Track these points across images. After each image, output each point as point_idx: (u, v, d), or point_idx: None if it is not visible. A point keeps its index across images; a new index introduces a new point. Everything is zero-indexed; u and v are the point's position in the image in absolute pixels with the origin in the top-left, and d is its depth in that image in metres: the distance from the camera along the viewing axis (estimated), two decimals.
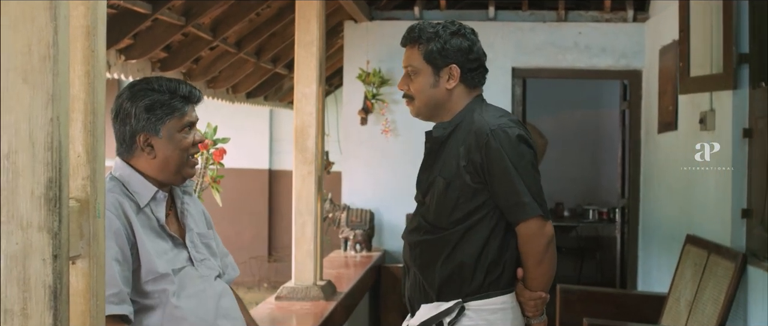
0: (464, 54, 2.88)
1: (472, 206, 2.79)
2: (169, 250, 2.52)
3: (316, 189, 4.86)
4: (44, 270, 1.53)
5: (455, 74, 2.86)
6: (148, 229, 2.48)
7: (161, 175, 2.54)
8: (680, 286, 5.35)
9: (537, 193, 2.77)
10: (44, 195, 1.53)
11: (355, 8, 6.78)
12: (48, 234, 1.53)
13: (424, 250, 2.88)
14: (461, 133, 2.84)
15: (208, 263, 2.64)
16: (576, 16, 7.49)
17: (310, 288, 4.88)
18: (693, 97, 5.54)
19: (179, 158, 2.54)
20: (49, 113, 1.53)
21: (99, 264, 1.79)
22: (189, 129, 2.56)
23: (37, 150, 1.52)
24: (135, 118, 2.48)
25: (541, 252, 2.79)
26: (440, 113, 2.92)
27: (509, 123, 2.81)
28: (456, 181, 2.80)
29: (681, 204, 6.03)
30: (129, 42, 5.34)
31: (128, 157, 2.53)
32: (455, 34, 2.89)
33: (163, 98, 2.51)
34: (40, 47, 1.53)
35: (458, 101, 2.90)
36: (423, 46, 2.88)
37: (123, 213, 2.42)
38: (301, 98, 4.85)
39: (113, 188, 2.47)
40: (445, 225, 2.83)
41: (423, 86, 2.89)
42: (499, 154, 2.74)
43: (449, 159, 2.84)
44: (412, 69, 2.92)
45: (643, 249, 7.39)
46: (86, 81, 1.73)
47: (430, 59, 2.87)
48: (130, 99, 2.50)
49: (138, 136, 2.50)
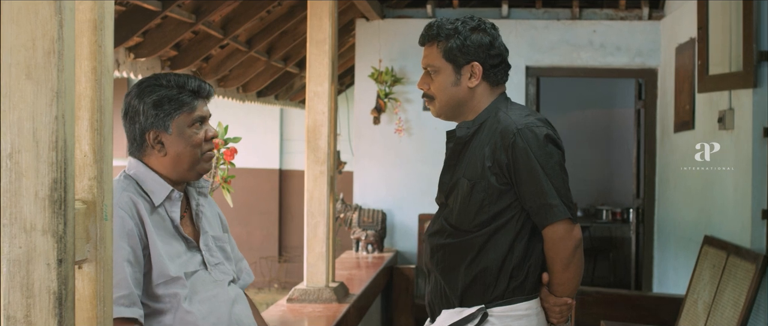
0: (485, 50, 2.78)
1: (498, 208, 2.71)
2: (183, 253, 2.45)
3: (328, 190, 4.79)
4: (49, 276, 1.48)
5: (477, 71, 2.77)
6: (161, 230, 2.41)
7: (174, 173, 2.47)
8: (698, 288, 5.27)
9: (565, 195, 2.68)
10: (49, 196, 1.48)
11: (367, 6, 6.71)
12: (52, 238, 1.48)
13: (447, 254, 2.79)
14: (486, 132, 2.75)
15: (222, 267, 2.57)
16: (590, 14, 7.41)
17: (323, 291, 4.80)
18: (711, 95, 5.46)
19: (191, 154, 2.47)
20: (54, 111, 1.47)
21: (106, 268, 1.73)
22: (200, 124, 2.49)
23: (41, 149, 1.47)
24: (143, 114, 2.42)
25: (568, 256, 2.70)
26: (463, 113, 2.84)
27: (536, 122, 2.72)
28: (481, 183, 2.71)
29: (698, 204, 5.95)
30: (138, 40, 5.28)
31: (140, 155, 2.47)
32: (475, 29, 2.79)
33: (170, 93, 2.44)
34: (45, 42, 1.48)
35: (481, 100, 2.81)
36: (442, 44, 2.79)
37: (136, 213, 2.36)
38: (313, 97, 4.77)
39: (127, 186, 2.40)
40: (469, 228, 2.74)
41: (444, 85, 2.80)
42: (526, 154, 2.65)
43: (473, 159, 2.75)
44: (431, 68, 2.83)
45: (658, 250, 7.31)
46: (93, 77, 1.67)
47: (450, 57, 2.78)
48: (137, 96, 2.44)
49: (147, 134, 2.44)
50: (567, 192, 2.69)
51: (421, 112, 7.43)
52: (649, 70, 7.37)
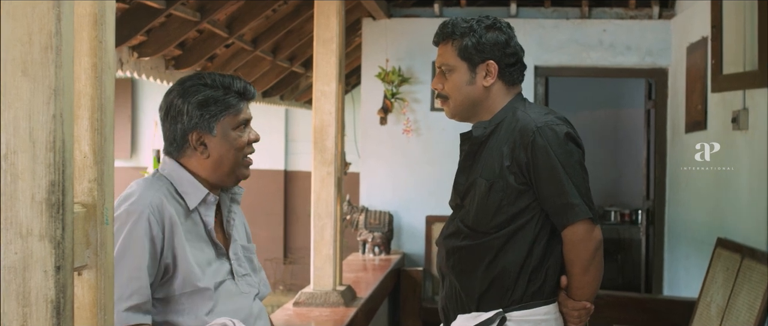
0: (501, 49, 2.72)
1: (516, 209, 2.64)
2: (213, 261, 2.37)
3: (335, 191, 4.71)
4: (46, 283, 1.42)
5: (493, 70, 2.72)
6: (193, 236, 2.34)
7: (214, 176, 2.39)
8: (711, 291, 5.20)
9: (586, 195, 2.62)
10: (46, 200, 1.42)
11: (374, 5, 6.64)
12: (50, 244, 1.42)
13: (463, 257, 2.73)
14: (503, 131, 2.69)
15: (248, 279, 2.48)
16: (600, 13, 7.33)
17: (330, 294, 4.73)
18: (724, 95, 5.38)
19: (234, 158, 2.39)
20: (52, 109, 1.41)
21: (107, 275, 1.67)
22: (244, 127, 2.41)
23: (37, 150, 1.41)
24: (187, 115, 2.34)
25: (588, 258, 2.63)
26: (478, 113, 2.78)
27: (556, 120, 2.65)
28: (499, 183, 2.65)
29: (710, 205, 5.88)
30: (142, 38, 5.21)
31: (178, 156, 2.39)
32: (491, 27, 2.73)
33: (216, 94, 2.36)
34: (42, 36, 1.41)
35: (497, 99, 2.75)
36: (457, 42, 2.73)
37: (167, 216, 2.27)
38: (320, 96, 4.70)
39: (161, 187, 2.33)
40: (487, 229, 2.67)
41: (458, 84, 2.75)
42: (546, 152, 2.58)
43: (491, 159, 2.69)
44: (446, 67, 2.77)
45: (669, 252, 7.23)
46: (93, 74, 1.61)
47: (465, 55, 2.72)
48: (181, 95, 2.36)
49: (190, 135, 2.35)
50: (588, 192, 2.63)
51: (429, 113, 7.36)
52: (660, 69, 7.29)
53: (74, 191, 1.55)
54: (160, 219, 2.25)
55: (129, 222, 2.21)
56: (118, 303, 2.15)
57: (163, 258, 2.25)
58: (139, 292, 2.19)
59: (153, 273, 2.24)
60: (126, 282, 2.17)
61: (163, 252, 2.25)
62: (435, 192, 7.31)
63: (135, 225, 2.21)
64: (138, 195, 2.27)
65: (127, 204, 2.24)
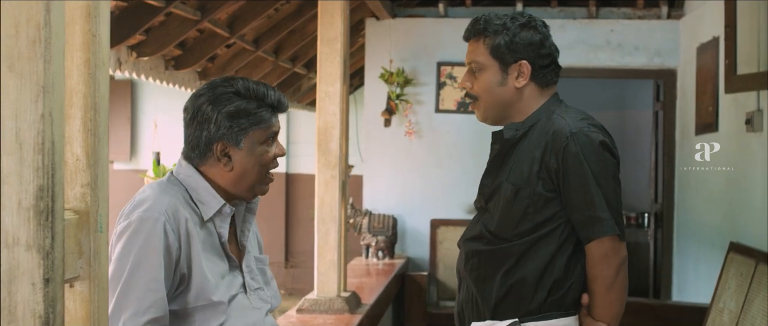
0: (535, 49, 2.59)
1: (542, 217, 2.52)
2: (226, 274, 2.25)
3: (340, 195, 4.61)
4: (34, 297, 1.35)
5: (525, 71, 2.58)
6: (208, 247, 2.21)
7: (234, 189, 2.27)
8: (724, 297, 5.09)
9: (616, 209, 2.48)
10: (34, 206, 1.34)
11: (377, 5, 6.54)
12: (38, 254, 1.34)
13: (482, 262, 2.61)
14: (536, 135, 2.57)
15: (261, 293, 2.36)
16: (607, 13, 7.22)
17: (334, 300, 4.62)
18: (737, 96, 5.28)
19: (258, 173, 2.27)
20: (40, 108, 1.33)
21: (101, 286, 1.59)
22: (272, 141, 2.29)
23: (25, 152, 1.33)
24: (215, 124, 2.20)
25: (612, 275, 2.48)
26: (509, 115, 2.65)
27: (592, 127, 2.53)
28: (526, 189, 2.52)
29: (722, 209, 5.77)
30: (141, 38, 5.10)
31: (199, 163, 2.26)
32: (525, 26, 2.60)
33: (250, 106, 2.22)
34: (29, 28, 1.33)
35: (530, 101, 2.63)
36: (489, 40, 2.59)
37: (184, 226, 2.15)
38: (324, 97, 4.59)
39: (176, 193, 2.20)
40: (509, 236, 2.55)
41: (489, 84, 2.61)
42: (578, 160, 2.46)
43: (520, 163, 2.57)
44: (476, 65, 2.63)
45: (678, 256, 7.12)
46: (86, 71, 1.52)
47: (497, 54, 2.58)
48: (211, 102, 2.22)
49: (215, 144, 2.22)
50: (618, 206, 2.50)
51: (434, 114, 7.27)
52: (668, 70, 7.18)
53: (65, 196, 1.47)
54: (175, 227, 2.13)
55: (144, 231, 2.09)
56: (136, 318, 2.05)
57: (179, 268, 2.13)
58: (157, 305, 2.08)
59: (168, 285, 2.12)
60: (142, 295, 2.06)
61: (179, 263, 2.13)
62: (440, 196, 7.21)
63: (150, 234, 2.09)
64: (152, 200, 2.14)
65: (141, 210, 2.12)
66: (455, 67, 7.15)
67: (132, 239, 2.08)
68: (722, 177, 5.70)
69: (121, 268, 2.06)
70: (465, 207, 7.18)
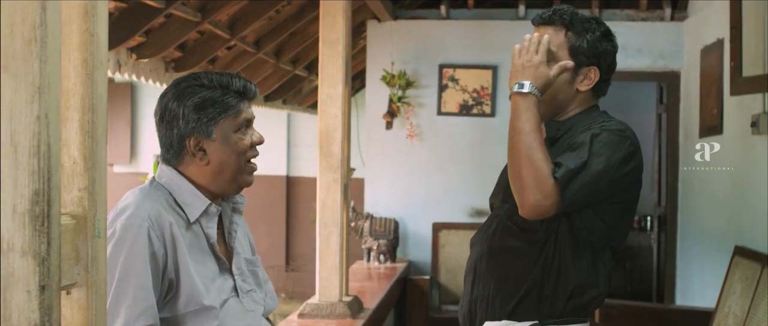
0: (608, 60, 2.55)
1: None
2: (216, 276, 2.19)
3: (342, 198, 4.56)
4: (29, 305, 1.29)
5: (593, 78, 2.54)
6: (195, 250, 2.15)
7: (214, 184, 2.21)
8: (729, 301, 5.05)
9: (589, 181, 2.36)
10: (29, 211, 1.29)
11: (379, 6, 6.49)
12: (33, 260, 1.29)
13: (509, 259, 2.53)
14: (574, 134, 2.50)
15: (254, 295, 2.30)
16: (610, 15, 7.17)
17: (336, 305, 4.57)
18: (742, 99, 5.23)
19: (236, 163, 2.21)
20: (35, 110, 1.28)
21: (99, 293, 1.54)
22: (245, 128, 2.24)
23: (19, 155, 1.28)
24: (183, 119, 2.16)
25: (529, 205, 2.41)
26: (556, 114, 2.60)
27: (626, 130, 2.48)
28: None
29: (727, 213, 5.72)
30: (141, 40, 5.05)
31: (176, 163, 2.21)
32: (606, 35, 2.55)
33: (214, 95, 2.17)
34: (24, 27, 1.28)
35: (580, 104, 2.58)
36: (572, 36, 2.51)
37: (168, 231, 2.09)
38: (326, 100, 4.55)
39: (158, 198, 2.14)
40: (536, 226, 2.45)
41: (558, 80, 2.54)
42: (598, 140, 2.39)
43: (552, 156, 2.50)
44: (552, 56, 2.52)
45: (681, 260, 7.07)
46: (83, 71, 1.46)
47: (576, 52, 2.51)
48: (176, 98, 2.17)
49: (187, 140, 2.17)
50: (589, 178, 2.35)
51: (436, 117, 7.22)
52: (672, 72, 7.13)
53: (62, 201, 1.42)
54: (160, 233, 2.08)
55: (128, 238, 2.04)
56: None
57: (167, 274, 2.08)
58: (148, 313, 2.02)
59: (157, 292, 2.07)
60: (132, 303, 2.01)
61: (166, 269, 2.08)
62: (442, 199, 7.16)
63: (135, 241, 2.04)
64: (135, 207, 2.09)
65: (124, 218, 2.07)
66: (457, 69, 7.11)
67: (117, 248, 2.03)
68: (727, 180, 5.65)
69: (110, 279, 2.01)
70: (467, 211, 7.14)
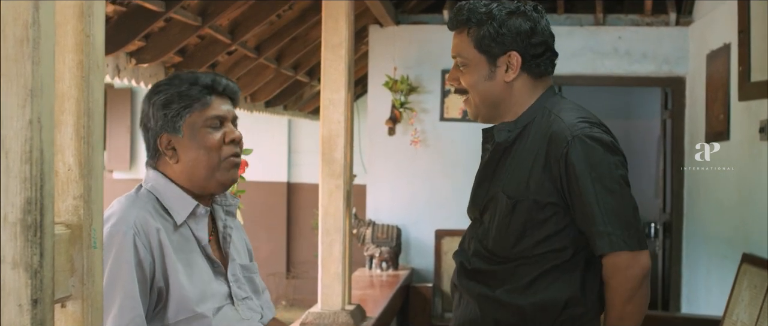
0: (526, 38, 2.36)
1: (544, 234, 2.31)
2: (211, 281, 2.12)
3: (344, 205, 4.48)
4: (20, 319, 1.23)
5: (515, 63, 2.37)
6: (185, 255, 2.09)
7: (191, 183, 2.15)
8: (737, 310, 4.97)
9: (626, 218, 2.25)
10: (20, 220, 1.22)
11: (381, 10, 6.41)
12: (25, 273, 1.23)
13: (484, 280, 2.41)
14: (532, 136, 2.36)
15: (250, 303, 2.23)
16: (615, 20, 7.10)
17: (339, 314, 4.49)
18: (750, 104, 5.16)
19: (207, 160, 2.14)
20: (28, 114, 1.22)
21: (95, 306, 1.48)
22: (218, 124, 2.17)
23: (11, 162, 1.22)
24: (153, 118, 2.13)
25: (630, 288, 2.26)
26: (502, 112, 2.44)
27: (593, 127, 2.33)
28: (524, 202, 2.31)
29: (734, 219, 5.65)
30: (140, 44, 4.98)
31: (156, 165, 2.18)
32: (513, 13, 2.37)
33: (180, 90, 2.12)
34: (16, 27, 1.22)
35: (523, 96, 2.41)
36: (474, 31, 2.39)
37: (155, 238, 2.03)
38: (328, 105, 4.47)
39: (145, 204, 2.09)
40: (508, 254, 2.34)
41: (476, 80, 2.41)
42: (579, 169, 2.24)
43: (516, 170, 2.35)
44: (461, 59, 2.43)
45: (687, 267, 7.00)
46: (79, 73, 1.40)
47: (483, 47, 2.38)
48: (148, 98, 2.15)
49: (159, 139, 2.13)
50: (629, 213, 2.27)
51: (439, 122, 7.14)
52: (677, 78, 7.06)
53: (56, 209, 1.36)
54: (146, 240, 2.02)
55: (113, 246, 1.98)
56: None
57: (155, 282, 2.02)
58: (135, 322, 1.96)
59: (146, 301, 2.00)
60: (119, 313, 1.94)
61: (155, 277, 2.02)
62: (445, 206, 7.08)
63: (120, 249, 1.98)
64: (120, 214, 2.04)
65: (109, 225, 2.01)
66: None
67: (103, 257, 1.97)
68: (734, 187, 5.58)
69: None
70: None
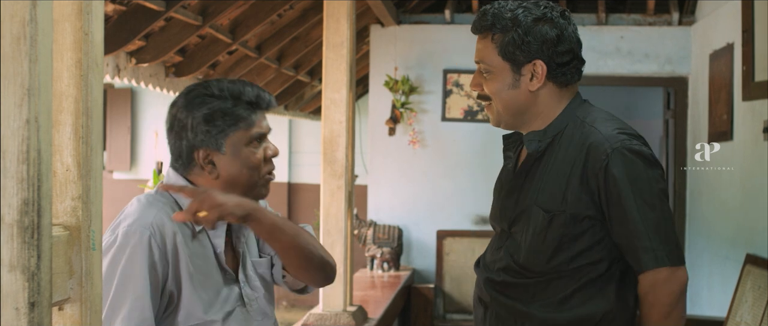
0: (551, 46, 2.26)
1: (581, 247, 2.24)
2: (221, 288, 2.09)
3: (346, 206, 4.46)
4: (18, 323, 1.21)
5: (540, 72, 2.27)
6: (199, 260, 2.06)
7: None
8: (740, 310, 4.94)
9: (666, 233, 2.19)
10: (17, 222, 1.20)
11: (383, 10, 6.38)
12: (22, 275, 1.20)
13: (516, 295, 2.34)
14: (566, 145, 2.28)
15: (261, 302, 2.20)
16: (617, 20, 7.08)
17: (340, 315, 4.47)
18: (753, 104, 5.13)
19: (248, 178, 2.10)
20: (25, 113, 1.19)
21: (94, 309, 1.45)
22: (258, 142, 2.12)
23: (8, 162, 1.19)
24: (192, 130, 2.05)
25: (668, 304, 2.18)
26: (526, 120, 2.35)
27: (632, 139, 2.24)
28: (561, 216, 2.23)
29: (736, 220, 5.62)
30: (140, 43, 4.96)
31: (185, 173, 2.11)
32: (540, 19, 2.27)
33: (224, 106, 2.06)
34: (13, 24, 1.19)
35: (550, 105, 2.32)
36: (498, 37, 2.29)
37: (171, 241, 2.00)
38: (330, 105, 4.45)
39: (164, 206, 2.05)
40: (542, 269, 2.27)
41: (499, 87, 2.31)
42: (621, 183, 2.17)
43: (550, 182, 2.27)
44: (484, 66, 2.34)
45: (690, 268, 6.83)
46: (77, 72, 1.37)
47: (507, 54, 2.28)
48: (185, 107, 2.07)
49: (196, 152, 2.07)
50: (668, 228, 2.20)
51: (440, 123, 7.11)
52: (679, 78, 7.04)
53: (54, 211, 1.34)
54: (162, 242, 1.98)
55: (128, 247, 1.95)
56: None
57: (167, 286, 1.99)
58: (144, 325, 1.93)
59: (156, 304, 1.97)
60: (128, 315, 1.91)
61: (167, 280, 1.98)
62: (446, 206, 7.06)
63: (135, 250, 1.94)
64: (138, 214, 2.00)
65: (126, 224, 1.98)
66: (462, 74, 7.02)
67: (116, 256, 1.94)
68: (737, 187, 5.55)
69: (107, 288, 1.91)
70: (472, 218, 7.04)
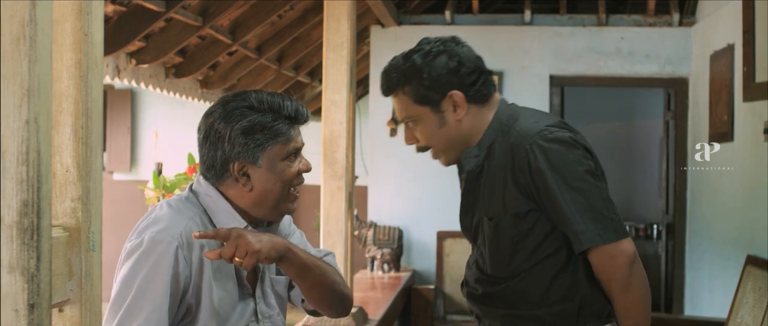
0: (456, 73, 2.34)
1: (534, 243, 2.33)
2: (237, 303, 2.08)
3: (346, 207, 4.44)
4: (17, 324, 1.20)
5: (459, 100, 2.35)
6: (222, 274, 2.04)
7: (255, 210, 2.09)
8: (741, 312, 4.93)
9: (600, 210, 2.24)
10: (17, 223, 1.19)
11: (383, 11, 6.37)
12: (22, 276, 1.19)
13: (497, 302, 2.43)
14: (498, 155, 2.35)
15: (275, 320, 2.19)
16: (617, 21, 7.06)
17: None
18: (754, 105, 5.12)
19: (280, 191, 2.10)
20: (24, 114, 1.18)
21: (93, 310, 1.44)
22: (294, 156, 2.13)
23: (7, 163, 1.18)
24: (229, 142, 2.04)
25: (621, 279, 2.26)
26: (468, 146, 2.42)
27: (550, 128, 2.31)
28: (505, 219, 2.32)
29: (737, 221, 5.61)
30: (140, 44, 4.95)
31: (217, 183, 2.09)
32: (437, 55, 2.36)
33: (264, 120, 2.05)
34: (13, 25, 1.18)
35: (478, 123, 2.39)
36: (408, 89, 2.37)
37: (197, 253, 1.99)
38: (330, 106, 4.43)
39: (194, 215, 2.03)
40: (509, 274, 2.36)
41: (431, 131, 2.40)
42: (543, 172, 2.25)
43: (490, 192, 2.36)
44: (409, 119, 2.42)
45: (690, 269, 6.96)
46: (77, 73, 1.38)
47: (423, 100, 2.36)
48: (223, 118, 2.06)
49: (232, 164, 2.05)
50: (602, 204, 2.26)
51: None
52: (680, 79, 7.03)
53: (54, 212, 1.33)
54: (188, 254, 1.97)
55: (154, 254, 1.93)
56: None
57: (186, 299, 1.97)
58: None
59: (172, 316, 1.95)
60: (143, 323, 1.90)
61: (187, 293, 1.97)
62: (447, 207, 7.01)
63: (160, 258, 1.92)
64: (168, 221, 1.98)
65: (155, 230, 1.96)
66: None
67: (140, 262, 1.92)
68: (738, 187, 5.55)
69: (126, 292, 1.90)
70: None
